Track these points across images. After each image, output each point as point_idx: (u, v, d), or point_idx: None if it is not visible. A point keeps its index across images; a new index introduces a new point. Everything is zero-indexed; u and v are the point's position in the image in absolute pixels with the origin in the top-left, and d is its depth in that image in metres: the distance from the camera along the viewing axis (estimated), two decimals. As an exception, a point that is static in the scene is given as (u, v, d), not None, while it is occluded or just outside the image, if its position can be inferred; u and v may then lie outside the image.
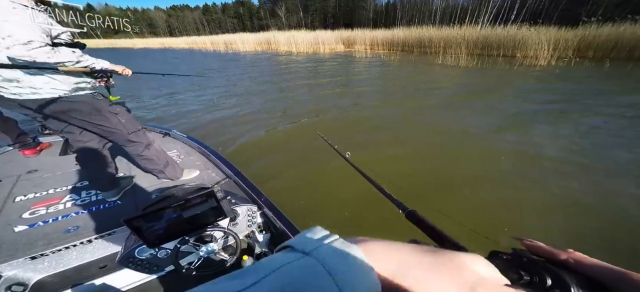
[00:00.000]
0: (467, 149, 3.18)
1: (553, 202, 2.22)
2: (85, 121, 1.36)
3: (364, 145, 3.33)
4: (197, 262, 1.13)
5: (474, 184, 2.46)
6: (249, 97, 6.10)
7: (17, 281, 1.13)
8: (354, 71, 9.45)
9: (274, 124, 4.20)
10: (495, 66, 8.91)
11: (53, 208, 1.46)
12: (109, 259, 1.29)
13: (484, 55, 11.04)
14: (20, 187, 1.68)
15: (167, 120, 4.72)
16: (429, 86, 6.79)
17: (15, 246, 1.18)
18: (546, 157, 2.94)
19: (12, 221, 1.34)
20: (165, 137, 2.51)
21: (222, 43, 23.17)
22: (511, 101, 5.19)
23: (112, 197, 1.57)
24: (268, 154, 3.18)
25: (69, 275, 1.22)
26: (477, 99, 5.38)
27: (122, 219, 0.90)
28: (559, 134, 3.58)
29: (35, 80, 1.17)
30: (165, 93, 6.90)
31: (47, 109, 1.25)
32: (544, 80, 6.75)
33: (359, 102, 5.51)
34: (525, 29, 10.39)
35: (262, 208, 1.44)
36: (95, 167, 1.53)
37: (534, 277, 0.22)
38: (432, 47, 13.12)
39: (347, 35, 18.00)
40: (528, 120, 4.13)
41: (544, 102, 5.03)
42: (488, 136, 3.55)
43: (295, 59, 13.66)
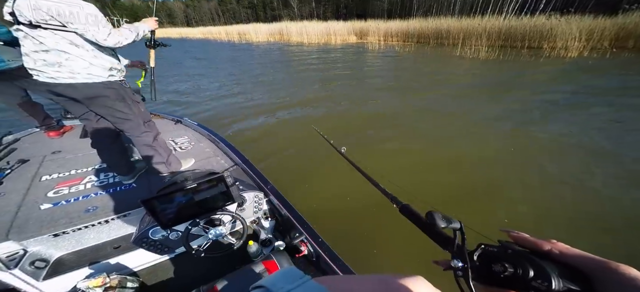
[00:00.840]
0: (487, 148, 2.93)
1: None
2: (109, 108, 1.40)
3: (370, 142, 3.18)
4: (206, 244, 1.15)
5: (495, 192, 2.24)
6: (255, 87, 6.14)
7: (40, 256, 1.19)
8: (364, 63, 9.18)
9: (277, 114, 4.20)
10: (518, 58, 8.29)
11: (74, 188, 1.52)
12: (123, 239, 1.35)
13: (506, 47, 10.31)
14: (46, 167, 1.76)
15: (179, 107, 4.85)
16: (446, 78, 6.47)
17: (41, 223, 1.24)
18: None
19: (38, 198, 1.40)
20: (177, 124, 2.58)
21: (236, 33, 23.39)
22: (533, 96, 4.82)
23: (128, 180, 1.64)
24: (272, 144, 3.16)
25: (86, 254, 1.27)
26: (499, 93, 5.03)
27: (140, 200, 0.93)
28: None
29: (75, 65, 1.23)
30: (180, 81, 7.08)
31: (77, 93, 1.30)
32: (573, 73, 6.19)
33: (367, 95, 5.33)
34: (554, 19, 9.53)
35: (268, 195, 1.45)
36: (112, 152, 1.58)
37: (518, 269, 0.23)
38: (450, 38, 12.44)
39: (359, 26, 17.49)
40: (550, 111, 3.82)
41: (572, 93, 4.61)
42: (511, 133, 3.27)
43: (306, 50, 13.50)
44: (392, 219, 1.85)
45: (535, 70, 6.73)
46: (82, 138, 2.24)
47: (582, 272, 0.22)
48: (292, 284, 0.24)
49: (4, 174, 1.61)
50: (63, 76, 1.24)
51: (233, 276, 0.99)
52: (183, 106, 4.97)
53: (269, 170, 2.28)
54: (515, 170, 2.52)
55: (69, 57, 1.21)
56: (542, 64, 7.29)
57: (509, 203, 2.09)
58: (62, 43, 1.18)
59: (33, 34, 1.14)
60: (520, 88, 5.26)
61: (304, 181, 2.43)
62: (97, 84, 1.32)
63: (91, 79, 1.29)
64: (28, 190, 1.48)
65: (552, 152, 2.82)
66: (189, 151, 2.06)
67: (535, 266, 0.22)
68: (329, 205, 2.16)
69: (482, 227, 0.35)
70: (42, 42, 1.16)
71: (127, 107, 1.45)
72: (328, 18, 23.63)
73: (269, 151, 2.98)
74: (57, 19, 1.12)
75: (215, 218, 1.16)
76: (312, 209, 2.09)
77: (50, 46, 1.17)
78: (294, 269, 0.27)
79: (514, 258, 0.24)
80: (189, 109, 4.80)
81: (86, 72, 1.27)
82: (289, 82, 6.65)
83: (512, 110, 4.06)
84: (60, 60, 1.20)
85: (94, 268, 1.22)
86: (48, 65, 1.20)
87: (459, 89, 5.42)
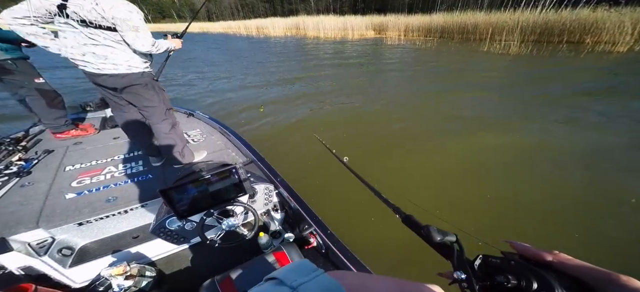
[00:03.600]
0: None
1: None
2: (140, 95, 1.50)
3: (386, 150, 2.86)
4: (220, 235, 1.18)
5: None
6: (268, 82, 6.14)
7: (66, 244, 1.24)
8: (382, 57, 8.86)
9: (289, 114, 4.10)
10: (555, 53, 7.54)
11: (96, 179, 1.56)
12: (141, 229, 1.39)
13: (541, 42, 9.43)
14: (69, 157, 1.82)
15: (190, 102, 4.92)
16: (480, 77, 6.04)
17: (67, 212, 1.27)
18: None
19: (63, 188, 1.45)
20: (190, 117, 2.62)
21: (254, 28, 23.73)
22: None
23: (157, 163, 1.75)
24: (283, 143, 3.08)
25: (107, 243, 1.33)
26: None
27: (158, 190, 0.96)
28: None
29: (119, 58, 1.35)
30: (194, 76, 7.27)
31: (117, 82, 1.41)
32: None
33: (380, 97, 5.10)
34: (601, 11, 8.52)
35: (278, 188, 1.46)
36: (144, 135, 1.68)
37: (521, 280, 0.23)
38: (477, 33, 11.62)
39: (378, 21, 16.90)
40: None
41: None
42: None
43: (321, 46, 13.33)
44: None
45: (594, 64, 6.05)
46: (101, 130, 2.31)
47: (584, 283, 0.22)
48: (306, 277, 0.24)
49: (32, 163, 1.67)
50: (107, 67, 1.34)
51: (246, 266, 1.00)
52: (195, 101, 5.03)
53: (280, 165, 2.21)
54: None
55: (114, 50, 1.32)
56: (584, 61, 6.55)
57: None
58: (109, 40, 1.29)
59: (85, 32, 1.23)
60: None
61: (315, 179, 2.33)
62: (136, 73, 1.42)
63: (131, 70, 1.40)
64: (54, 179, 1.52)
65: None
66: (201, 143, 2.08)
67: (538, 278, 0.22)
68: (340, 202, 2.06)
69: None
70: (92, 37, 1.25)
71: (155, 94, 1.55)
72: (345, 12, 23.11)
73: (285, 149, 2.90)
74: (108, 21, 1.22)
75: (229, 209, 1.17)
76: (322, 204, 1.99)
77: (100, 41, 1.27)
78: (306, 262, 0.27)
79: (517, 270, 0.24)
80: (201, 102, 4.86)
81: (127, 64, 1.38)
82: (303, 76, 6.56)
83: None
84: (106, 53, 1.30)
85: (115, 257, 1.26)
86: (96, 57, 1.30)
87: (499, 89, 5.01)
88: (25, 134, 2.10)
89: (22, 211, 1.24)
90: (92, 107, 2.79)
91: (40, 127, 2.23)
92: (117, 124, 2.29)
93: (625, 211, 1.88)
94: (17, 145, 1.85)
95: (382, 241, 1.72)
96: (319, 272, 0.26)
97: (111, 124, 2.43)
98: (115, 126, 2.35)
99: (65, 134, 2.15)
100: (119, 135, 2.17)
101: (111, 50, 1.31)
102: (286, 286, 0.24)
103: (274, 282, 0.25)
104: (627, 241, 1.65)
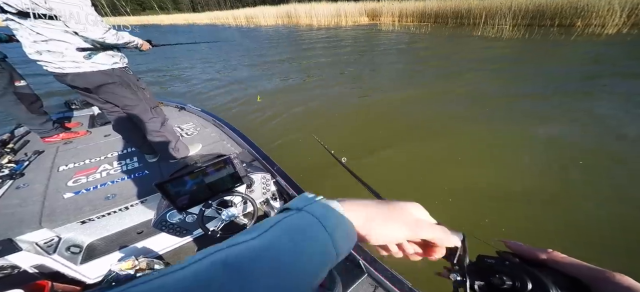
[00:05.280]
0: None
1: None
2: (116, 95, 1.40)
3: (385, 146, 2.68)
4: (220, 225, 1.19)
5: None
6: (260, 76, 5.99)
7: (73, 242, 1.26)
8: (378, 48, 8.76)
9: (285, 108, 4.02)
10: (547, 37, 7.65)
11: (92, 177, 1.54)
12: (144, 225, 1.41)
13: (533, 26, 9.53)
14: (61, 157, 1.76)
15: (182, 95, 4.79)
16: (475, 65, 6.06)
17: (67, 211, 1.26)
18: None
19: (60, 188, 1.43)
20: (181, 111, 2.57)
21: (243, 17, 22.87)
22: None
23: (153, 159, 1.71)
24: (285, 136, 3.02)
25: (113, 239, 1.34)
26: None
27: (154, 184, 0.97)
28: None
29: (77, 54, 1.20)
30: (184, 69, 7.01)
31: (85, 82, 1.30)
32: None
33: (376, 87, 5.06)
34: (592, -7, 8.62)
35: (275, 176, 1.47)
36: (136, 134, 1.62)
37: (516, 281, 0.23)
38: (470, 18, 11.61)
39: (372, 7, 16.58)
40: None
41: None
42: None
43: (314, 35, 13.04)
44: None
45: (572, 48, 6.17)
46: (90, 128, 2.24)
47: (580, 282, 0.22)
48: (308, 202, 0.27)
49: (23, 165, 1.62)
50: (68, 66, 1.21)
51: None
52: (186, 95, 4.90)
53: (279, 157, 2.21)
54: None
55: (69, 46, 1.17)
56: (574, 43, 6.68)
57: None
58: (57, 32, 1.13)
59: (28, 25, 1.08)
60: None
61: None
62: (102, 71, 1.30)
63: (96, 67, 1.27)
64: (49, 180, 1.50)
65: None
66: (195, 136, 2.05)
67: (532, 278, 0.22)
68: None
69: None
70: (39, 32, 1.09)
71: (133, 93, 1.44)
72: (338, -1, 22.54)
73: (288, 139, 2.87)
74: (43, 7, 1.05)
75: (227, 200, 1.19)
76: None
77: (49, 35, 1.11)
78: (307, 194, 0.29)
79: (511, 270, 0.24)
80: (192, 96, 4.74)
81: (90, 60, 1.25)
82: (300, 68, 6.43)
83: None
84: (61, 49, 1.17)
85: (123, 252, 1.28)
86: (53, 55, 1.17)
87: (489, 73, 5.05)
88: (11, 136, 2.03)
89: (22, 212, 1.23)
90: (78, 105, 2.64)
91: (25, 128, 2.14)
92: (107, 121, 2.24)
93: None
94: (4, 147, 1.78)
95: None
96: (319, 197, 0.29)
97: (101, 121, 2.34)
98: (105, 123, 2.28)
99: (54, 137, 2.01)
100: (110, 132, 2.10)
101: (66, 46, 1.16)
102: (293, 210, 0.27)
103: (284, 213, 0.27)
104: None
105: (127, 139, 1.79)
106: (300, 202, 0.28)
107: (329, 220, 0.25)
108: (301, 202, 0.28)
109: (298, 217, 0.26)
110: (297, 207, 0.27)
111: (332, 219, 0.26)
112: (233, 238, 0.23)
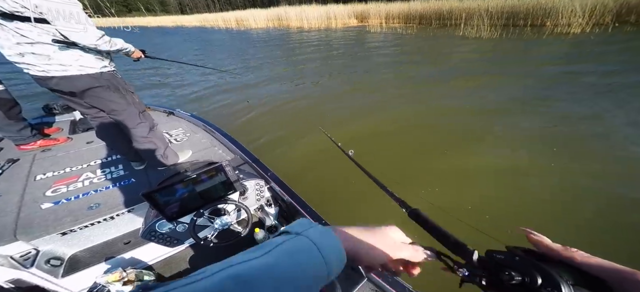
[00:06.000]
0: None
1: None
2: (104, 99, 1.35)
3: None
4: (213, 234, 1.17)
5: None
6: (257, 80, 5.93)
7: (54, 255, 1.18)
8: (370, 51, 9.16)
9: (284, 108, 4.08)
10: (521, 36, 8.32)
11: (72, 186, 1.47)
12: (132, 235, 1.34)
13: (509, 26, 10.26)
14: (38, 165, 1.68)
15: (173, 100, 4.70)
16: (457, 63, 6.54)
17: (46, 222, 1.21)
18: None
19: (37, 198, 1.36)
20: (170, 116, 2.48)
21: (233, 20, 22.89)
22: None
23: (140, 166, 1.66)
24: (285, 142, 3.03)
25: (98, 250, 1.27)
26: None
27: (141, 193, 0.92)
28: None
29: (65, 57, 1.16)
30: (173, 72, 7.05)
31: (72, 86, 1.25)
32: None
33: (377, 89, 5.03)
34: (559, -5, 9.43)
35: (270, 182, 1.45)
36: (121, 140, 1.55)
37: (525, 277, 0.23)
38: (452, 19, 12.28)
39: (360, 9, 17.13)
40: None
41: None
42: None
43: (307, 37, 13.32)
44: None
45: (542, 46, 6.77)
46: (71, 134, 2.14)
47: (603, 281, 0.21)
48: (307, 227, 0.31)
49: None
50: (54, 69, 1.16)
51: None
52: (176, 99, 4.78)
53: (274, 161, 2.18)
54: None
55: (57, 48, 1.13)
56: (545, 42, 7.33)
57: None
58: (45, 36, 1.08)
59: (11, 27, 1.04)
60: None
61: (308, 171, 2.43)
62: (91, 75, 1.26)
63: (84, 70, 1.23)
64: (25, 190, 1.43)
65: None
66: (184, 142, 2.00)
67: (543, 273, 0.22)
68: (333, 188, 2.17)
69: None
70: (24, 34, 1.05)
71: (122, 97, 1.41)
72: (327, 1, 22.99)
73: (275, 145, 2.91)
74: (32, 10, 1.01)
75: (220, 208, 1.16)
76: (315, 192, 2.05)
77: (35, 38, 1.07)
78: (305, 219, 0.34)
79: (521, 266, 0.24)
80: (182, 101, 4.60)
81: (78, 64, 1.21)
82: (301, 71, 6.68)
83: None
84: (48, 52, 1.12)
85: (110, 263, 1.22)
86: (38, 57, 1.12)
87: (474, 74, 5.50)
88: None
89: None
90: (58, 110, 2.47)
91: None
92: (89, 127, 2.16)
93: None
94: None
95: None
96: (316, 224, 0.32)
97: (83, 127, 2.24)
98: (88, 129, 2.18)
99: (31, 145, 1.90)
100: (92, 139, 2.01)
101: (53, 49, 1.12)
102: (291, 234, 0.30)
103: (282, 235, 0.31)
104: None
105: (111, 145, 1.71)
106: (300, 227, 0.31)
107: (324, 245, 0.29)
108: (300, 227, 0.31)
109: (298, 240, 0.29)
110: (296, 232, 0.30)
111: (327, 245, 0.29)
112: (242, 255, 0.27)
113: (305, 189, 1.73)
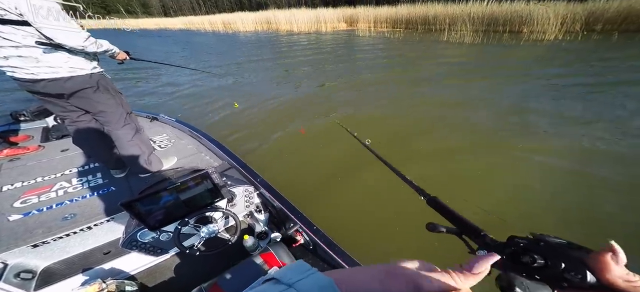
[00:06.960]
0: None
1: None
2: (93, 100, 1.32)
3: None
4: (200, 242, 1.13)
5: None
6: (249, 79, 5.85)
7: (24, 268, 1.12)
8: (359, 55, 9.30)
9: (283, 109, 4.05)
10: (501, 42, 8.80)
11: (45, 196, 1.41)
12: (111, 244, 1.28)
13: (489, 32, 10.83)
14: (5, 175, 1.60)
15: (155, 105, 4.48)
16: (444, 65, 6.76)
17: (15, 234, 1.15)
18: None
19: (4, 210, 1.30)
20: (153, 121, 2.38)
21: (220, 23, 22.47)
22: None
23: (120, 174, 1.60)
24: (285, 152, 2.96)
25: (74, 261, 1.21)
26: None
27: (120, 203, 0.89)
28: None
29: (53, 59, 1.13)
30: (159, 76, 6.79)
31: (61, 88, 1.20)
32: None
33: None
34: (533, 4, 10.10)
35: (259, 188, 1.42)
36: (102, 146, 1.50)
37: (548, 260, 0.23)
38: (437, 24, 12.78)
39: (349, 13, 17.45)
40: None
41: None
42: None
43: (298, 39, 13.35)
44: (393, 205, 1.90)
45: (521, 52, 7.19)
46: (44, 142, 2.03)
47: None
48: (302, 275, 0.27)
49: None
50: (43, 71, 1.13)
51: (233, 270, 0.99)
52: (159, 105, 4.56)
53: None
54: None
55: (45, 51, 1.10)
56: (523, 48, 7.80)
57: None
58: (30, 38, 1.05)
59: None
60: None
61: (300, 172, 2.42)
62: (82, 76, 1.23)
63: (74, 72, 1.20)
64: None
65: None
66: (169, 149, 1.93)
67: (568, 259, 0.22)
68: (327, 196, 2.12)
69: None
70: (7, 38, 1.02)
71: (111, 98, 1.38)
72: (317, 5, 23.22)
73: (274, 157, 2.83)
74: (14, 13, 0.98)
75: (207, 216, 1.14)
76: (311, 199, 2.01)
77: (21, 41, 1.04)
78: (302, 263, 0.30)
79: (545, 250, 0.23)
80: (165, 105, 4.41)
81: (67, 65, 1.18)
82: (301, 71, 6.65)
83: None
84: (36, 54, 1.09)
85: (88, 275, 1.17)
86: (25, 60, 1.08)
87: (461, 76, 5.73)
88: None
89: None
90: (28, 117, 2.32)
91: None
92: (63, 134, 2.06)
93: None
94: None
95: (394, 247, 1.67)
96: (312, 270, 0.27)
97: (57, 134, 2.12)
98: (63, 137, 2.07)
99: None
100: (68, 147, 1.92)
101: (40, 51, 1.09)
102: (283, 284, 0.26)
103: (272, 282, 0.27)
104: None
105: (90, 152, 1.64)
106: (290, 276, 0.27)
107: None
108: (291, 276, 0.27)
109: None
110: (287, 282, 0.26)
111: None
112: None
113: (295, 193, 1.66)
